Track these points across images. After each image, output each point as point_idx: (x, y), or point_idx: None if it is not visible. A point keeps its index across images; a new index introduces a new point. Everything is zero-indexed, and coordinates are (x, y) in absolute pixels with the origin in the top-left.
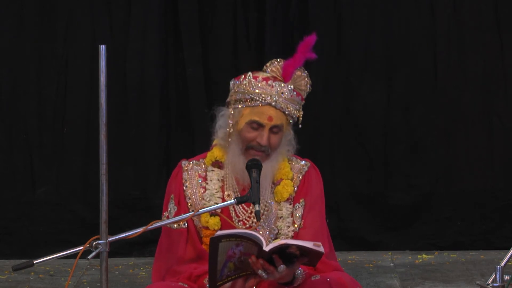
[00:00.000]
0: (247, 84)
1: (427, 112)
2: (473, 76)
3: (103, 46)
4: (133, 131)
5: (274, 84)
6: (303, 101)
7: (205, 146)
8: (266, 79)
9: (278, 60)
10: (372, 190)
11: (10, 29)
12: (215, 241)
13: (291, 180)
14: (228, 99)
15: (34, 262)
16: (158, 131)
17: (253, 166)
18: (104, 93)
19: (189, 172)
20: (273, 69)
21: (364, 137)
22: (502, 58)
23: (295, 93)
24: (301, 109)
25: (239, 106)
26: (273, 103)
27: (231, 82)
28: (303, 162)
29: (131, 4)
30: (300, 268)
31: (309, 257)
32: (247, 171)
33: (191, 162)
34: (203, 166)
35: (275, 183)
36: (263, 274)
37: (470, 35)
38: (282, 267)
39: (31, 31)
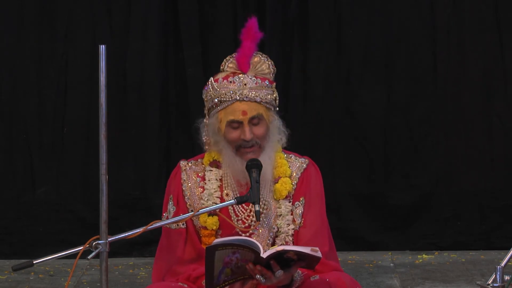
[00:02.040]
0: (211, 90)
1: (427, 112)
2: (473, 76)
3: (103, 46)
4: (133, 131)
5: (234, 79)
6: (273, 83)
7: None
8: (225, 77)
9: (232, 55)
10: (372, 190)
11: (10, 29)
12: (211, 249)
13: (290, 177)
14: (204, 111)
15: (34, 262)
16: (158, 131)
17: (253, 166)
18: (104, 93)
19: (188, 172)
20: (230, 65)
21: (364, 137)
22: (502, 58)
23: (258, 79)
24: (274, 92)
25: (214, 113)
26: (238, 97)
27: (203, 93)
28: (302, 159)
29: (131, 4)
30: (298, 271)
31: (306, 261)
32: (247, 171)
33: (189, 163)
34: (202, 166)
35: (273, 181)
36: (261, 279)
37: (470, 35)
38: (279, 272)
39: (31, 31)
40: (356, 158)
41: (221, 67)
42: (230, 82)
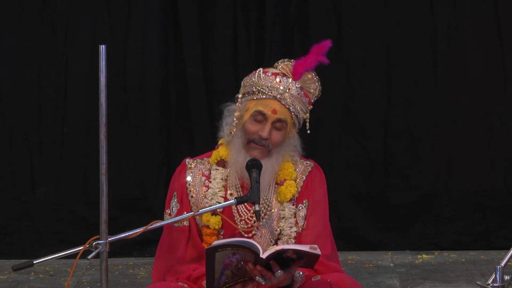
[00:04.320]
0: (256, 78)
1: (427, 112)
2: (473, 76)
3: (103, 46)
4: (133, 131)
5: (282, 79)
6: (311, 106)
7: (205, 146)
8: (275, 74)
9: (290, 60)
10: (372, 190)
11: (10, 29)
12: (211, 251)
13: (295, 180)
14: (237, 95)
15: (34, 262)
16: (158, 131)
17: (253, 166)
18: (104, 93)
19: (193, 170)
20: (284, 66)
21: (364, 137)
22: (502, 58)
23: (302, 92)
24: (307, 112)
25: (246, 99)
26: (278, 96)
27: (243, 79)
28: (307, 162)
29: (131, 4)
30: (299, 271)
31: (305, 259)
32: (247, 171)
33: (195, 161)
34: (208, 165)
35: (278, 183)
36: (261, 280)
37: (470, 35)
38: (279, 272)
39: (31, 31)
40: (356, 158)
41: (275, 64)
42: (278, 80)
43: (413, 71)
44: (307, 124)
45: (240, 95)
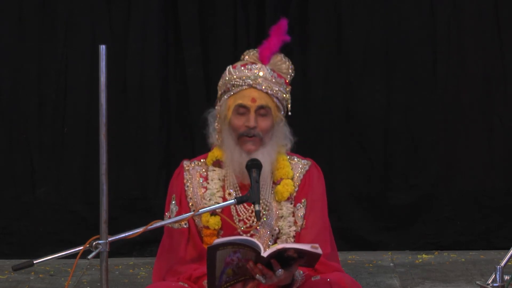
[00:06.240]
0: (227, 75)
1: (427, 112)
2: (473, 76)
3: (103, 46)
4: (133, 131)
5: (252, 67)
6: (289, 86)
7: (205, 146)
8: (243, 64)
9: (255, 49)
10: (372, 190)
11: (10, 29)
12: (213, 250)
13: (292, 179)
14: (216, 100)
15: (34, 262)
16: (158, 131)
17: (253, 166)
18: (104, 93)
19: (191, 172)
20: (251, 56)
21: (364, 137)
22: (502, 58)
23: (275, 74)
24: (287, 93)
25: (224, 98)
26: (252, 83)
27: (218, 83)
28: (305, 161)
29: (131, 4)
30: (299, 270)
31: (306, 258)
32: (247, 171)
33: (192, 162)
34: (205, 166)
35: (275, 183)
36: (262, 278)
37: (470, 35)
38: (280, 271)
39: (31, 31)
40: (356, 158)
41: (242, 57)
42: (247, 69)
43: (413, 71)
44: (289, 106)
45: (218, 98)
